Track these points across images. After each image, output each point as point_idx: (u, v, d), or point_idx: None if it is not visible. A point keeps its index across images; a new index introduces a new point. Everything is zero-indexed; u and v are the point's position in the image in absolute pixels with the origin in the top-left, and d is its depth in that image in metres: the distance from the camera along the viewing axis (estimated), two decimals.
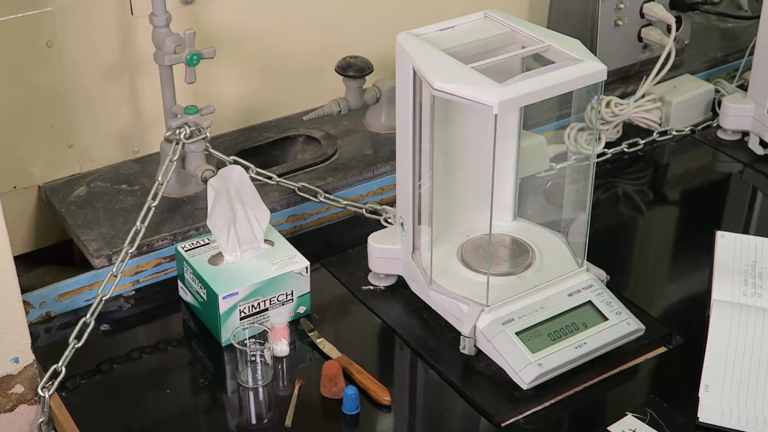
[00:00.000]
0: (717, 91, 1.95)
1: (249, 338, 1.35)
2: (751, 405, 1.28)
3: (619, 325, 1.36)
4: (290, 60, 1.79)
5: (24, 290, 1.39)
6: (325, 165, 1.70)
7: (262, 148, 1.76)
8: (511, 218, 1.52)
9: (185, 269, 1.45)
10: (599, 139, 1.83)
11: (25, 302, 1.39)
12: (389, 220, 1.61)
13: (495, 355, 1.34)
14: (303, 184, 1.62)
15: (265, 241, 1.46)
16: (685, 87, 1.94)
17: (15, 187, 1.62)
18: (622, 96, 1.91)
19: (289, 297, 1.43)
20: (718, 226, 1.63)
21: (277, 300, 1.42)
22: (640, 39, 1.96)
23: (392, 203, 1.53)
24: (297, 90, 1.82)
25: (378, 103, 1.76)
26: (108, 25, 1.59)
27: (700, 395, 1.29)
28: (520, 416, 1.29)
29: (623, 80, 1.98)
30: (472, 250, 1.45)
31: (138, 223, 1.46)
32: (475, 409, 1.30)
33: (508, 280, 1.40)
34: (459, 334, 1.36)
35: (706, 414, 1.27)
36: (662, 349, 1.41)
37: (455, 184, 1.46)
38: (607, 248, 1.58)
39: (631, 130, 1.89)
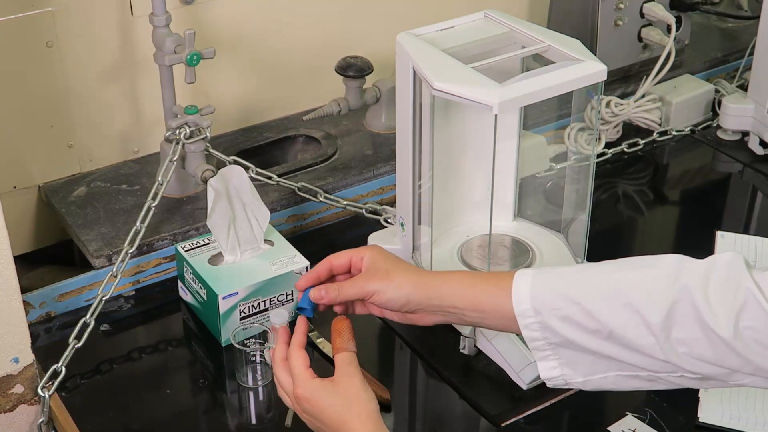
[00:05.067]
0: (717, 91, 1.95)
1: (249, 338, 1.35)
2: (751, 405, 1.28)
3: None
4: (290, 60, 1.79)
5: (24, 290, 1.39)
6: (325, 165, 1.70)
7: (262, 148, 1.76)
8: (511, 218, 1.52)
9: (185, 269, 1.45)
10: (599, 139, 1.83)
11: (25, 302, 1.39)
12: (389, 220, 1.61)
13: (495, 355, 1.34)
14: (303, 184, 1.62)
15: (265, 241, 1.46)
16: (685, 87, 1.94)
17: (15, 187, 1.62)
18: (622, 96, 1.91)
19: (289, 297, 1.43)
20: (718, 226, 1.63)
21: (277, 300, 1.42)
22: (640, 39, 1.96)
23: (392, 203, 1.53)
24: (297, 90, 1.82)
25: (378, 103, 1.76)
26: (108, 25, 1.59)
27: (700, 395, 1.29)
28: (520, 416, 1.29)
29: (623, 80, 1.97)
30: (472, 250, 1.45)
31: (138, 223, 1.46)
32: (475, 409, 1.30)
33: None
34: (459, 334, 1.36)
35: (706, 414, 1.27)
36: None
37: (455, 184, 1.46)
38: (607, 248, 1.58)
39: (631, 130, 1.89)
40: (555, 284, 1.06)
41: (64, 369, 1.34)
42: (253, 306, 1.40)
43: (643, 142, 1.86)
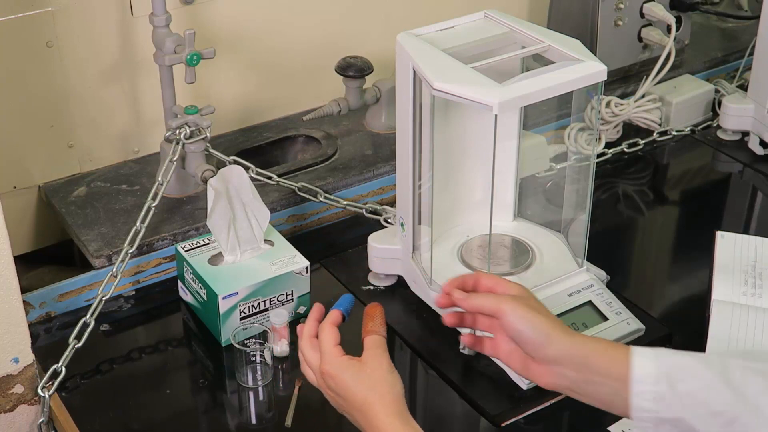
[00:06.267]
0: (717, 91, 1.95)
1: (249, 338, 1.35)
2: None
3: (619, 325, 1.36)
4: (290, 60, 1.80)
5: (24, 290, 1.39)
6: (325, 165, 1.70)
7: (262, 148, 1.76)
8: (511, 218, 1.52)
9: (185, 269, 1.45)
10: (599, 139, 1.83)
11: (25, 302, 1.39)
12: (389, 220, 1.61)
13: None
14: (303, 184, 1.62)
15: (265, 241, 1.46)
16: (685, 87, 1.94)
17: (15, 187, 1.62)
18: (622, 96, 1.91)
19: (289, 297, 1.43)
20: (718, 226, 1.63)
21: (277, 300, 1.42)
22: (640, 39, 1.96)
23: (392, 203, 1.53)
24: (297, 90, 1.82)
25: (378, 103, 1.76)
26: (108, 25, 1.59)
27: None
28: (520, 416, 1.29)
29: (623, 80, 1.97)
30: (472, 250, 1.45)
31: (138, 223, 1.46)
32: (475, 409, 1.30)
33: None
34: (459, 333, 1.36)
35: None
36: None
37: (455, 184, 1.46)
38: (607, 248, 1.58)
39: (631, 130, 1.89)
40: (683, 357, 1.01)
41: (64, 369, 1.34)
42: (253, 306, 1.40)
43: (643, 142, 1.86)
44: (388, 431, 1.05)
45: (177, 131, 1.52)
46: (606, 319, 1.36)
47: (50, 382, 1.34)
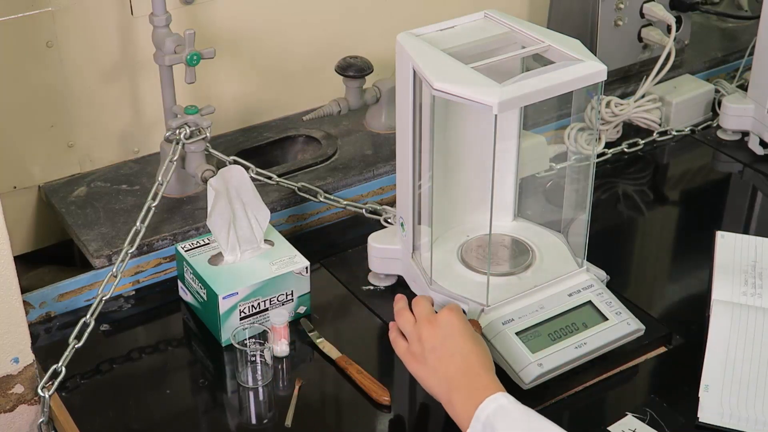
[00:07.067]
0: (717, 91, 1.95)
1: (249, 338, 1.35)
2: (752, 405, 1.28)
3: (619, 325, 1.36)
4: (290, 60, 1.80)
5: (24, 290, 1.39)
6: (325, 165, 1.70)
7: (262, 148, 1.76)
8: (511, 218, 1.52)
9: (185, 269, 1.45)
10: (599, 139, 1.83)
11: (25, 302, 1.39)
12: (389, 220, 1.61)
13: (495, 355, 1.33)
14: (303, 184, 1.62)
15: (265, 241, 1.46)
16: (685, 87, 1.94)
17: (15, 187, 1.62)
18: (622, 96, 1.91)
19: (289, 297, 1.43)
20: (718, 226, 1.63)
21: (277, 300, 1.42)
22: (640, 39, 1.96)
23: (392, 203, 1.53)
24: (297, 90, 1.82)
25: (378, 103, 1.76)
26: (108, 25, 1.59)
27: (700, 395, 1.29)
28: None
29: (623, 80, 1.98)
30: (472, 250, 1.45)
31: (138, 223, 1.46)
32: None
33: (508, 280, 1.40)
34: None
35: (706, 414, 1.27)
36: (662, 349, 1.41)
37: (455, 184, 1.46)
38: (607, 248, 1.58)
39: (631, 130, 1.89)
40: None
41: (64, 369, 1.34)
42: (253, 306, 1.40)
43: (643, 142, 1.86)
44: (489, 381, 1.17)
45: (177, 131, 1.52)
46: (606, 319, 1.36)
47: (50, 382, 1.34)
